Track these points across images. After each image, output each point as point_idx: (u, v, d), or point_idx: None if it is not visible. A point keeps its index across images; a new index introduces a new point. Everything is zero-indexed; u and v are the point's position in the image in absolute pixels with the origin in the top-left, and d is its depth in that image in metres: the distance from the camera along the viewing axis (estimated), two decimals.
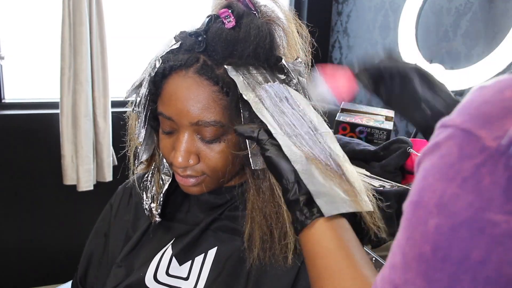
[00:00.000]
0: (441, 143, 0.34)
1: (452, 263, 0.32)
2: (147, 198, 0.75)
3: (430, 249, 0.33)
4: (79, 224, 2.05)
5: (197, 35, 0.62)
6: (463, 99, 0.36)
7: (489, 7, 1.51)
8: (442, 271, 0.32)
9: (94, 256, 0.81)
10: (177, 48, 0.64)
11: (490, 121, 0.32)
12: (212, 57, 0.62)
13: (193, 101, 0.60)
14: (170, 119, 0.63)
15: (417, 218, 0.34)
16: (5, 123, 1.94)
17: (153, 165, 0.75)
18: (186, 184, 0.66)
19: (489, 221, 0.31)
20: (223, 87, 0.60)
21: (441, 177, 0.33)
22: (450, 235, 0.32)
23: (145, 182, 0.77)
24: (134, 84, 0.68)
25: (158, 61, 0.64)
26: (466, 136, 0.33)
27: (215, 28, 0.62)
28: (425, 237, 0.33)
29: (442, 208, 0.33)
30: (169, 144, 0.65)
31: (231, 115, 0.61)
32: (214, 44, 0.61)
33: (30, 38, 2.03)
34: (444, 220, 0.32)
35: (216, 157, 0.63)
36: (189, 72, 0.61)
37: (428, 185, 0.34)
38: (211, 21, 0.63)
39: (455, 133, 0.34)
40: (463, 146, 0.33)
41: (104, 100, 1.94)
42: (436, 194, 0.33)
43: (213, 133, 0.62)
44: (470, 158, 0.32)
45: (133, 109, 0.69)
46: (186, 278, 0.69)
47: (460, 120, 0.34)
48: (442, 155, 0.34)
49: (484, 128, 0.32)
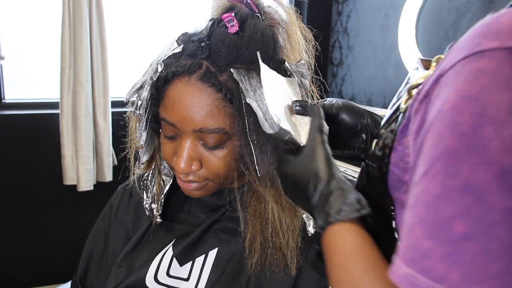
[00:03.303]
0: (486, 67, 0.33)
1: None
2: (147, 198, 0.75)
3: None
4: (79, 224, 2.05)
5: (200, 40, 0.61)
6: (476, 29, 0.36)
7: (489, 7, 1.51)
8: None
9: (94, 255, 0.81)
10: (180, 52, 0.63)
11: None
12: (215, 63, 0.61)
13: (197, 108, 0.60)
14: (173, 125, 0.62)
15: (480, 135, 0.32)
16: (5, 123, 1.93)
17: (154, 166, 0.75)
18: (188, 188, 0.66)
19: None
20: (227, 94, 0.60)
21: (503, 89, 0.32)
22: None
23: (145, 181, 0.77)
24: (134, 86, 0.68)
25: (160, 65, 0.63)
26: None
27: (218, 34, 0.61)
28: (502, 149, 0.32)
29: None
30: (171, 149, 0.65)
31: (235, 122, 0.60)
32: (217, 50, 0.60)
33: (30, 38, 2.03)
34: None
35: (218, 163, 0.63)
36: (192, 79, 0.60)
37: (489, 100, 0.33)
38: (214, 25, 0.61)
39: (499, 54, 0.33)
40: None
41: (104, 100, 1.94)
42: (504, 104, 0.32)
43: (216, 140, 0.61)
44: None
45: (134, 112, 0.69)
46: (187, 279, 0.69)
47: (498, 42, 0.33)
48: (492, 75, 0.33)
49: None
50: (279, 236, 0.62)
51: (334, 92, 2.34)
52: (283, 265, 0.64)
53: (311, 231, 0.65)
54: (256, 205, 0.63)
